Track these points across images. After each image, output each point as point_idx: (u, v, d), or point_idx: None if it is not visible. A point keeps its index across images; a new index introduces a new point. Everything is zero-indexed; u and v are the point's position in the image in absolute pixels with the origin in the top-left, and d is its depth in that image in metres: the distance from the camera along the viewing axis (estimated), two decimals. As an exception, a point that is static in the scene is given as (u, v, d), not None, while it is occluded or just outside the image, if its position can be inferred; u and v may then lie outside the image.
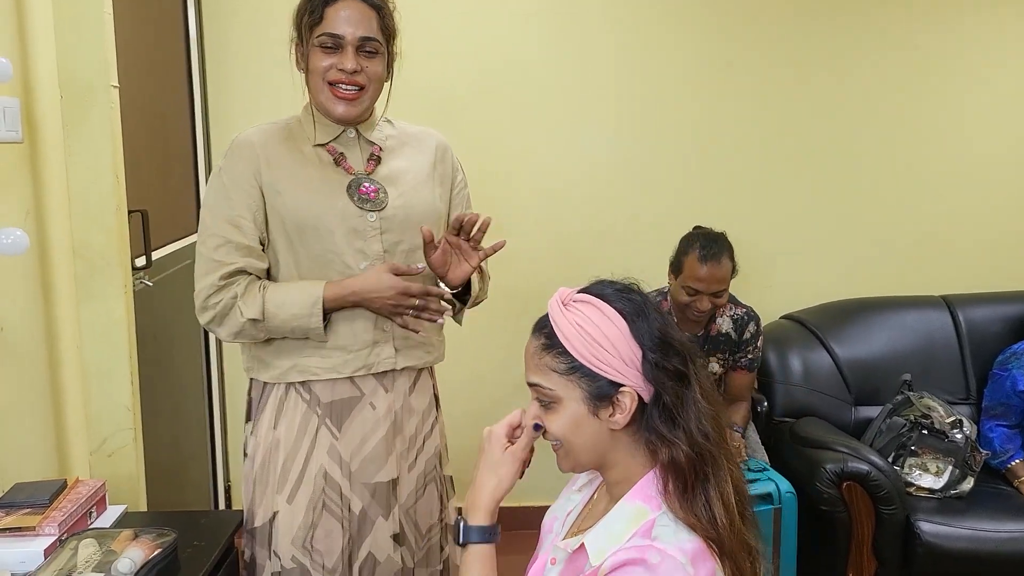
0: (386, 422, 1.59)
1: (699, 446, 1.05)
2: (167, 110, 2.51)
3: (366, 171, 1.58)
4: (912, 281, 3.00)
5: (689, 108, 2.92)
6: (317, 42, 1.50)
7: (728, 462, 1.09)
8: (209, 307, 1.50)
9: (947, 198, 3.04)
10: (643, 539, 1.03)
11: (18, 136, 1.68)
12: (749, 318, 2.49)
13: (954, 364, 2.80)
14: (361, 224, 1.54)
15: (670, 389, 1.06)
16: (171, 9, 2.54)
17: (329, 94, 1.52)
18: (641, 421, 1.08)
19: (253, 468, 1.59)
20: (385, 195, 1.56)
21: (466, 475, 1.44)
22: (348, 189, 1.55)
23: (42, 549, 1.35)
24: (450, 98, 2.83)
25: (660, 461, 1.07)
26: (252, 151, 1.54)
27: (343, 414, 1.57)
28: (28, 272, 1.73)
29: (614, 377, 1.06)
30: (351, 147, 1.59)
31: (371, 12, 1.51)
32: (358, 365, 1.56)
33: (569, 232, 2.94)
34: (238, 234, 1.50)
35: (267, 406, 1.59)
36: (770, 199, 2.99)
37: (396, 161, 1.62)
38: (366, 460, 1.58)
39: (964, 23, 2.96)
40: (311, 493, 1.55)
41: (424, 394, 1.68)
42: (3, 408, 1.60)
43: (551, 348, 1.09)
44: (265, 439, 1.58)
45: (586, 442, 1.09)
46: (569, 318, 1.08)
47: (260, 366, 1.59)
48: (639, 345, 1.06)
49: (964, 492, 2.43)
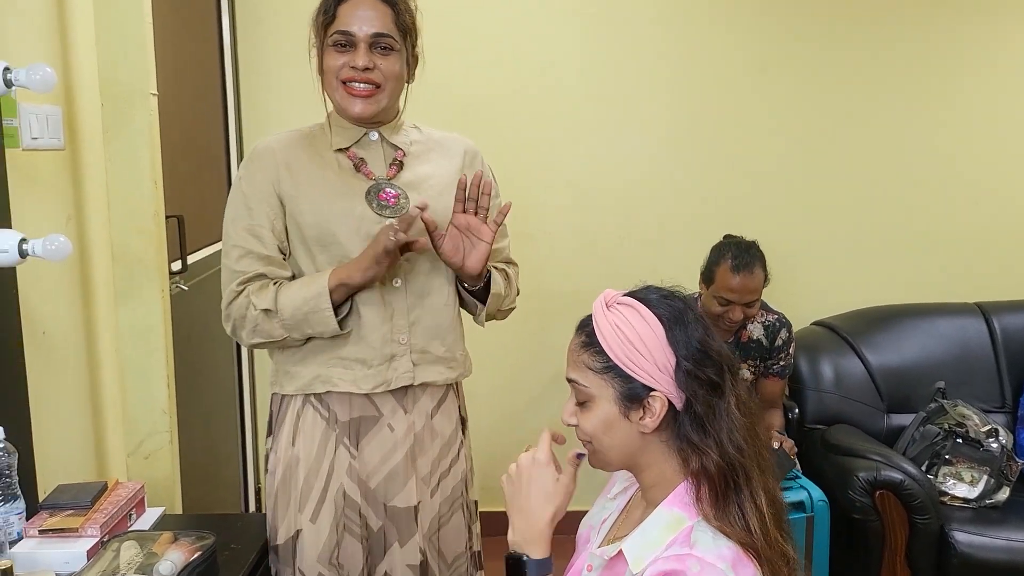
0: (405, 444, 1.55)
1: (730, 457, 1.06)
2: (201, 116, 2.54)
3: (388, 176, 1.54)
4: (946, 288, 2.97)
5: (721, 112, 2.92)
6: (331, 41, 1.47)
7: (763, 474, 1.09)
8: (229, 315, 1.51)
9: (982, 205, 3.01)
10: (682, 547, 1.03)
11: (60, 143, 1.71)
12: (781, 325, 2.48)
13: (989, 372, 2.77)
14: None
15: (702, 398, 1.06)
16: (205, 16, 2.58)
17: (344, 92, 1.49)
18: (674, 427, 1.09)
19: (274, 484, 1.57)
20: (406, 201, 1.52)
21: (492, 480, 1.44)
22: (367, 195, 1.51)
23: (85, 550, 1.37)
24: (481, 99, 2.85)
25: (691, 469, 1.07)
26: (272, 159, 1.52)
27: (361, 433, 1.54)
28: (69, 277, 1.76)
29: (646, 381, 1.07)
30: (373, 151, 1.55)
31: (386, 9, 1.47)
32: (377, 381, 1.52)
33: (598, 236, 2.95)
34: (258, 244, 1.50)
35: (285, 422, 1.56)
36: (801, 205, 2.97)
37: (421, 167, 1.58)
38: (385, 480, 1.54)
39: (1000, 30, 2.93)
40: (334, 512, 1.53)
41: (449, 417, 1.62)
42: (46, 410, 1.63)
43: (590, 346, 1.11)
44: (285, 455, 1.55)
45: (616, 442, 1.10)
46: (609, 319, 1.10)
47: (285, 378, 1.56)
48: (674, 352, 1.07)
49: (999, 502, 2.40)
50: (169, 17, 2.18)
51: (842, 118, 2.94)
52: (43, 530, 1.40)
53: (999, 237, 3.03)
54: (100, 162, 1.81)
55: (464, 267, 1.51)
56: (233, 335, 1.54)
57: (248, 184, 1.52)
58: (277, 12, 2.75)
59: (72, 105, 1.73)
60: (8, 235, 1.44)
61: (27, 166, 1.59)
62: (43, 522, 1.43)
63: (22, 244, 1.45)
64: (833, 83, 2.92)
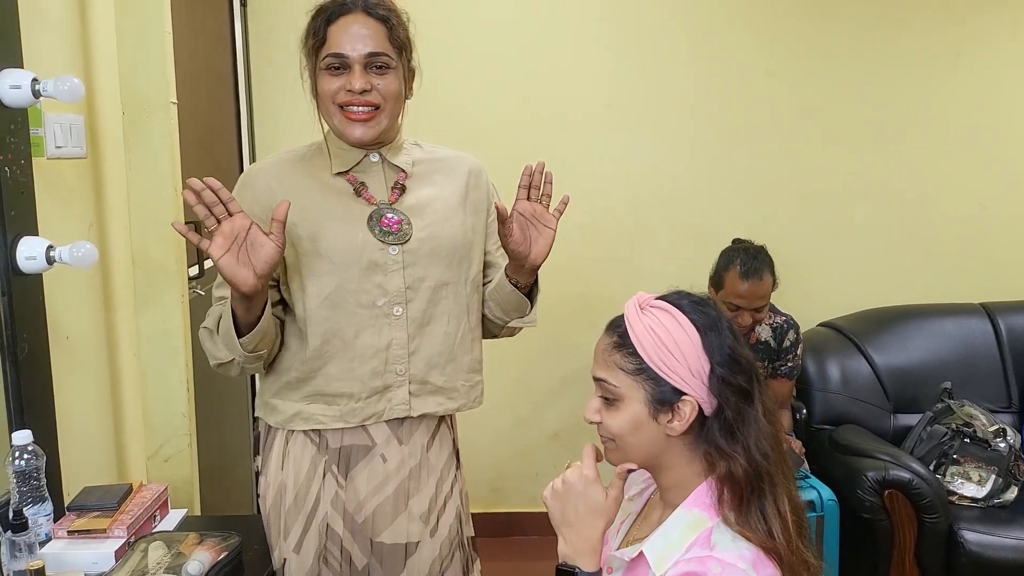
0: (398, 477, 1.47)
1: (757, 463, 1.07)
2: (216, 124, 2.57)
3: (389, 200, 1.45)
4: (951, 289, 3.00)
5: (728, 117, 2.95)
6: (323, 64, 1.39)
7: (787, 480, 1.10)
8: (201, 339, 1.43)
9: (987, 206, 3.04)
10: (703, 549, 1.04)
11: (83, 152, 1.74)
12: (788, 326, 2.50)
13: (995, 373, 2.79)
14: (382, 258, 1.41)
15: (733, 405, 1.08)
16: (219, 26, 2.61)
17: (342, 117, 1.40)
18: (700, 432, 1.10)
19: (266, 507, 1.51)
20: (409, 226, 1.44)
21: (503, 480, 1.43)
22: (369, 220, 1.42)
23: (112, 551, 1.40)
24: (493, 108, 2.88)
25: (717, 473, 1.08)
26: (266, 185, 1.44)
27: (351, 462, 1.47)
28: (91, 282, 1.79)
29: (679, 385, 1.08)
30: (374, 174, 1.47)
31: (378, 25, 1.39)
32: (367, 414, 1.44)
33: (609, 240, 2.98)
34: None
35: (274, 447, 1.50)
36: (807, 208, 3.00)
37: (424, 189, 1.50)
38: (372, 516, 1.47)
39: (1005, 34, 2.96)
40: (317, 543, 1.46)
41: (444, 448, 1.55)
42: (70, 414, 1.66)
43: (622, 347, 1.11)
44: (275, 479, 1.49)
45: (641, 443, 1.11)
46: (644, 322, 1.10)
47: (266, 409, 1.50)
48: (708, 358, 1.08)
49: (1008, 501, 2.43)
50: (185, 27, 2.21)
51: (848, 123, 2.97)
52: (72, 531, 1.43)
53: (1004, 238, 3.05)
54: (121, 170, 1.84)
55: (531, 256, 1.44)
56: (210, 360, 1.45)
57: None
58: (288, 22, 2.77)
59: (94, 114, 1.77)
60: (36, 242, 1.48)
61: (51, 174, 1.63)
62: (71, 523, 1.46)
63: (49, 251, 1.48)
64: (840, 89, 2.94)
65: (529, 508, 3.04)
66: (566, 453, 3.05)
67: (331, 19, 1.38)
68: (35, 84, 1.43)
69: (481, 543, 1.66)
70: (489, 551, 2.95)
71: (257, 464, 1.56)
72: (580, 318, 2.93)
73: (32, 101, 1.44)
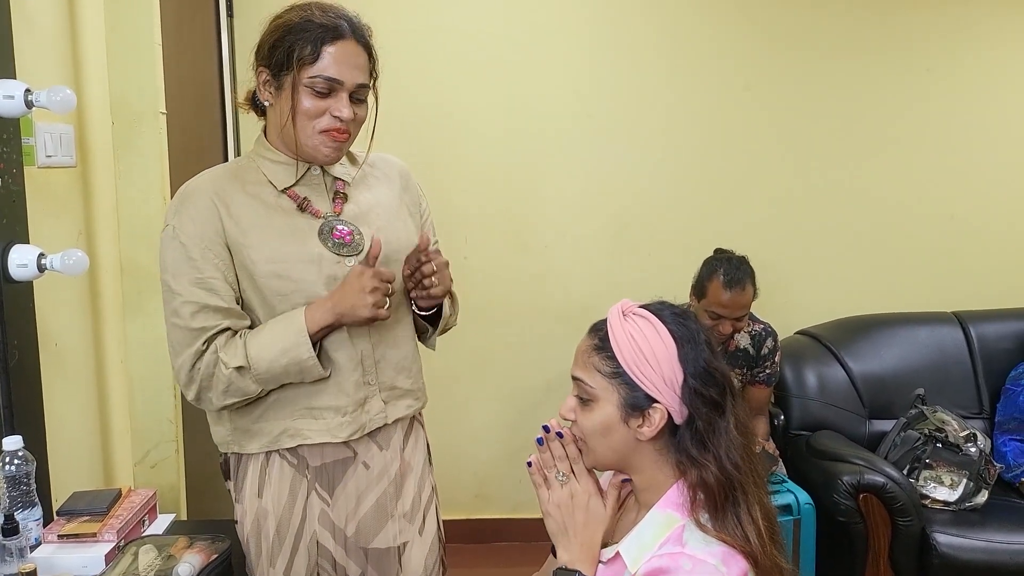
0: (381, 483, 1.49)
1: (727, 472, 1.10)
2: (202, 134, 2.59)
3: (335, 212, 1.44)
4: (924, 298, 3.07)
5: (707, 128, 3.00)
6: (308, 83, 1.35)
7: (758, 489, 1.14)
8: (194, 378, 1.36)
9: (957, 219, 3.12)
10: (675, 546, 1.08)
11: (72, 161, 1.76)
12: (767, 334, 2.56)
13: (966, 379, 2.86)
14: (340, 271, 1.40)
15: (704, 415, 1.11)
16: (206, 37, 2.64)
17: (320, 140, 1.38)
18: (671, 439, 1.13)
19: (244, 533, 1.48)
20: (360, 236, 1.43)
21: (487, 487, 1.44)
22: (320, 235, 1.41)
23: (103, 555, 1.42)
24: (476, 117, 2.92)
25: (689, 480, 1.12)
26: (209, 204, 1.37)
27: (335, 477, 1.46)
28: (80, 290, 1.81)
29: (651, 392, 1.11)
30: (315, 187, 1.45)
31: (364, 53, 1.39)
32: (354, 428, 1.44)
33: (591, 248, 3.02)
34: (213, 297, 1.36)
35: (247, 476, 1.46)
36: (786, 219, 3.06)
37: (362, 195, 1.49)
38: (362, 524, 1.48)
39: (976, 49, 3.04)
40: (307, 563, 1.45)
41: (419, 447, 1.57)
42: (58, 420, 1.67)
43: (601, 350, 1.14)
44: (251, 507, 1.46)
45: (610, 445, 1.15)
46: (626, 328, 1.14)
47: (244, 437, 1.45)
48: (683, 369, 1.11)
49: (979, 505, 2.48)
50: (172, 37, 2.23)
51: (824, 138, 3.04)
52: (62, 535, 1.45)
53: (974, 248, 3.13)
54: (110, 179, 1.86)
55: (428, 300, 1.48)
56: (197, 401, 1.40)
57: (186, 234, 1.36)
58: (275, 31, 2.81)
59: (84, 124, 1.79)
60: (28, 250, 1.50)
61: (41, 183, 1.65)
62: (61, 528, 1.47)
63: (41, 259, 1.51)
64: (815, 103, 3.01)
65: (512, 514, 3.07)
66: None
67: (325, 40, 1.34)
68: (28, 95, 1.45)
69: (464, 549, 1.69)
70: (472, 557, 2.99)
71: (230, 488, 1.52)
72: (561, 326, 2.98)
73: (25, 111, 1.46)
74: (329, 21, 1.36)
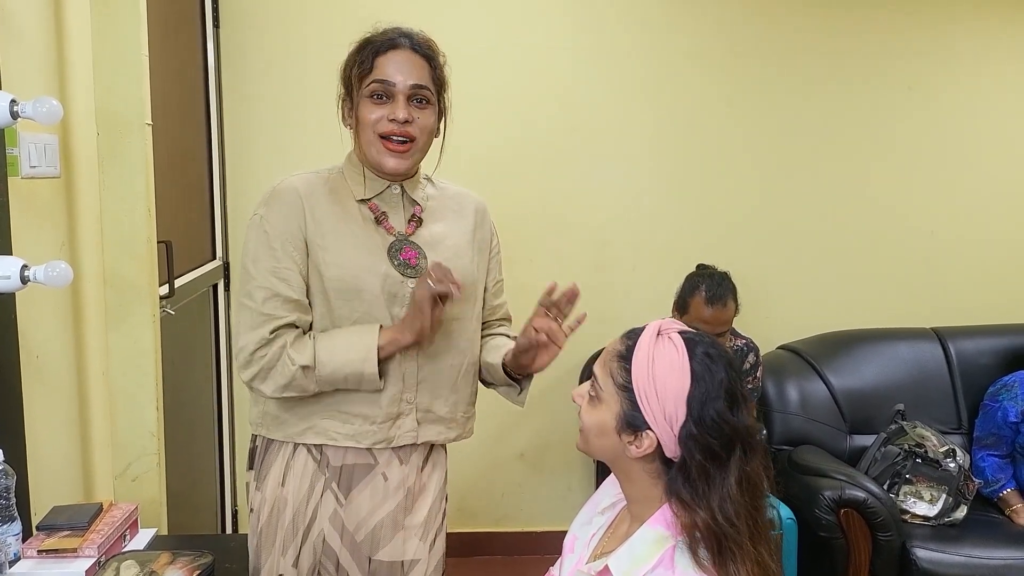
0: (396, 496, 1.52)
1: (719, 525, 1.06)
2: (188, 144, 2.59)
3: (407, 232, 1.52)
4: (904, 314, 3.11)
5: (689, 146, 3.03)
6: (367, 91, 1.45)
7: (758, 550, 1.08)
8: (255, 361, 1.43)
9: (937, 236, 3.17)
10: (667, 570, 1.07)
11: (56, 171, 1.75)
12: (749, 349, 2.58)
13: (945, 395, 2.89)
14: (401, 290, 1.48)
15: (697, 462, 1.07)
16: (192, 48, 2.63)
17: (380, 147, 1.47)
18: (664, 471, 1.12)
19: (258, 524, 1.53)
20: (425, 260, 1.50)
21: (471, 502, 1.45)
22: (389, 251, 1.49)
23: (83, 570, 1.40)
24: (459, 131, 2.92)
25: (681, 522, 1.09)
26: (298, 201, 1.47)
27: (352, 481, 1.51)
28: (62, 301, 1.79)
29: (648, 420, 1.10)
30: (394, 205, 1.53)
31: (423, 62, 1.47)
32: (379, 438, 1.49)
33: (574, 263, 3.03)
34: (285, 287, 1.44)
35: (275, 463, 1.53)
36: (768, 235, 3.09)
37: (437, 225, 1.56)
38: (371, 533, 1.51)
39: (957, 67, 3.10)
40: (311, 559, 1.50)
41: (437, 471, 1.61)
42: (39, 433, 1.65)
43: (623, 359, 1.13)
44: (272, 495, 1.52)
45: (602, 446, 1.16)
46: (652, 348, 1.11)
47: (273, 423, 1.52)
48: (687, 410, 1.08)
49: (958, 520, 2.51)
50: (158, 48, 2.23)
51: (806, 155, 3.08)
52: (42, 551, 1.43)
53: (954, 265, 3.18)
54: (94, 189, 1.85)
55: (532, 367, 1.52)
56: (249, 385, 1.47)
57: (272, 225, 1.46)
58: (261, 47, 2.81)
59: (69, 134, 1.78)
60: (10, 261, 1.48)
61: (25, 193, 1.63)
62: (41, 543, 1.45)
63: (24, 270, 1.49)
64: (797, 121, 3.06)
65: (495, 528, 3.07)
66: (532, 473, 3.08)
67: (379, 51, 1.45)
68: (14, 105, 1.44)
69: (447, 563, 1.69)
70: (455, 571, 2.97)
71: (250, 479, 1.57)
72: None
73: (10, 122, 1.44)
74: (385, 37, 1.47)
